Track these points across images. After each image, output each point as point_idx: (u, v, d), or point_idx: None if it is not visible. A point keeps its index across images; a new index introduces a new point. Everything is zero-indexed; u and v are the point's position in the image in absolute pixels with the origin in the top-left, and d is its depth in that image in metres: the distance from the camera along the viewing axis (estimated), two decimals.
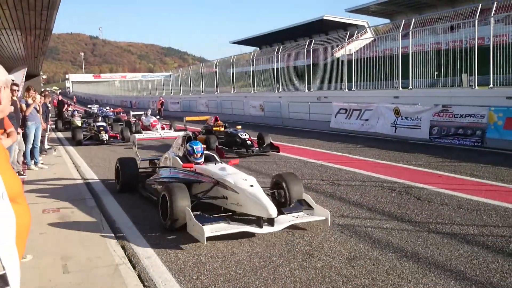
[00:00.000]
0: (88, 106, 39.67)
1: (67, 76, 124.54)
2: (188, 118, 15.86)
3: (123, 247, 5.04)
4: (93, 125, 17.62)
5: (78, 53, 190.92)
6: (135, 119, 21.70)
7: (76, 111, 26.81)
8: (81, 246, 5.03)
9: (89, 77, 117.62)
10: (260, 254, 4.72)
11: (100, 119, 19.03)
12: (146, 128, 18.62)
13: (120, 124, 20.17)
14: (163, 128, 18.19)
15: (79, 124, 22.88)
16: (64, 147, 15.66)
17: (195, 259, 4.66)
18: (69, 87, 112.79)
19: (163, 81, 47.52)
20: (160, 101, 34.88)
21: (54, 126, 22.48)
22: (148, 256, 4.79)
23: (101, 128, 16.71)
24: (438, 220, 5.69)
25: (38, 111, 10.89)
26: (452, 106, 12.88)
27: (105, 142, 15.97)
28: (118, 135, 16.97)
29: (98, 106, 36.42)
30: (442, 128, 12.94)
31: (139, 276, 4.25)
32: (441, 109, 13.08)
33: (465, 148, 11.83)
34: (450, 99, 13.49)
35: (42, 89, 19.75)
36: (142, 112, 22.03)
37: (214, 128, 14.75)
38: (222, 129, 14.46)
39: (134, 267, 4.45)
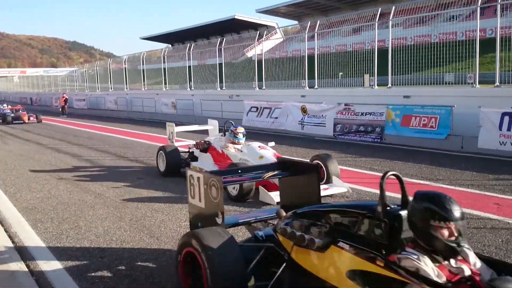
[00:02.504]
0: None
1: None
2: None
3: (19, 252, 4.73)
4: None
5: None
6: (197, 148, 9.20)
7: None
8: None
9: None
10: (168, 252, 4.67)
11: None
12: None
13: None
14: None
15: None
16: None
17: (99, 262, 4.49)
18: None
19: (67, 76, 45.07)
20: (64, 98, 32.79)
21: None
22: (48, 260, 4.53)
23: None
24: None
25: None
26: (354, 104, 13.70)
27: None
28: None
29: None
30: (344, 126, 13.71)
31: (37, 281, 4.01)
32: (344, 107, 13.86)
33: (365, 144, 12.64)
34: (352, 98, 14.32)
35: None
36: (213, 136, 9.58)
37: None
38: None
39: (32, 273, 4.19)
